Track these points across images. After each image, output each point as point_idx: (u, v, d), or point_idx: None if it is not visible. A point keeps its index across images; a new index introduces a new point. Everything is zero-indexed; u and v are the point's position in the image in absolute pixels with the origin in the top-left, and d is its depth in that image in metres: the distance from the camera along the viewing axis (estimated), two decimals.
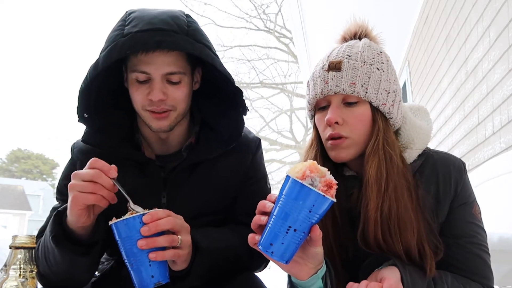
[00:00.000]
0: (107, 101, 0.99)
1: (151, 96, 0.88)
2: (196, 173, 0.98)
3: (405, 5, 3.91)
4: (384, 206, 0.85)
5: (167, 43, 0.84)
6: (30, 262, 0.85)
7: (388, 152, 0.89)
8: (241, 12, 16.94)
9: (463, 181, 0.92)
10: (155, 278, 0.75)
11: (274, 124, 16.55)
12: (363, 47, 0.94)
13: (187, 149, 1.01)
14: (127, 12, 0.93)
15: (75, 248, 0.82)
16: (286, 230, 0.68)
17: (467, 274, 0.88)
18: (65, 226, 0.83)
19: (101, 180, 0.77)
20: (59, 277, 0.87)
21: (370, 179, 0.88)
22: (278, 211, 0.69)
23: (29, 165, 35.21)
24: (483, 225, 0.92)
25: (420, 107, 1.04)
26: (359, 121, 0.90)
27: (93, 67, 0.87)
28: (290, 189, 0.69)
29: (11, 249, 0.84)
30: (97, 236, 0.85)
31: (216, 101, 1.04)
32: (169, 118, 0.93)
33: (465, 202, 0.91)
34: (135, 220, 0.74)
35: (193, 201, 0.97)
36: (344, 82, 0.89)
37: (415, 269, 0.83)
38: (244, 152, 1.03)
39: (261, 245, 0.71)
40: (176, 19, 0.89)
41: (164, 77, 0.89)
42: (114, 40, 0.86)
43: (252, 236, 0.74)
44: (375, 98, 0.90)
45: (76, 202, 0.76)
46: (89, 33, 71.29)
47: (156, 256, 0.74)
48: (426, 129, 0.97)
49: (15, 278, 0.82)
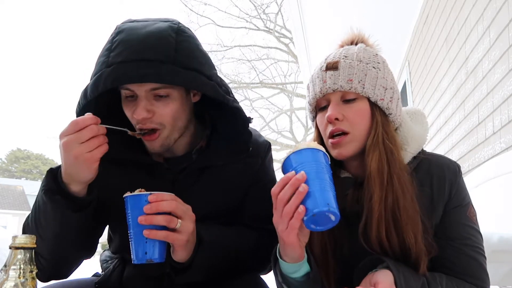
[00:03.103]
0: (109, 109, 0.99)
1: (135, 115, 0.87)
2: (205, 175, 0.98)
3: (405, 5, 3.91)
4: (388, 199, 0.87)
5: (151, 77, 0.82)
6: (30, 262, 0.85)
7: (389, 146, 0.90)
8: (241, 12, 16.99)
9: (458, 183, 0.93)
10: (148, 255, 0.79)
11: (274, 124, 16.59)
12: (359, 49, 0.97)
13: (197, 152, 1.00)
14: (116, 29, 0.89)
15: (68, 203, 0.84)
16: (330, 185, 0.77)
17: (461, 276, 0.88)
18: (60, 182, 0.85)
19: (100, 131, 0.81)
20: (48, 245, 0.87)
21: (372, 172, 0.89)
22: (318, 173, 0.77)
23: (29, 165, 35.26)
24: (478, 228, 0.93)
25: (417, 111, 1.05)
26: (358, 116, 0.92)
27: (83, 96, 0.87)
28: (315, 155, 0.79)
29: (11, 249, 0.84)
30: (93, 195, 0.87)
31: (220, 106, 1.03)
32: (160, 138, 0.90)
33: (460, 205, 0.92)
34: (142, 198, 0.79)
35: (201, 203, 0.97)
36: (342, 79, 0.92)
37: (409, 270, 0.83)
38: (253, 156, 1.03)
39: (327, 207, 0.74)
40: (164, 42, 0.84)
41: (150, 93, 0.87)
42: (100, 69, 0.84)
43: (298, 212, 0.75)
44: (373, 93, 0.92)
45: (92, 160, 0.80)
46: (89, 33, 71.32)
47: (149, 233, 0.77)
48: (421, 134, 0.99)
49: (15, 279, 0.82)
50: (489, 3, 2.27)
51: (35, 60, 72.87)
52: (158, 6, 47.34)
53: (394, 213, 0.87)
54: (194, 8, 14.74)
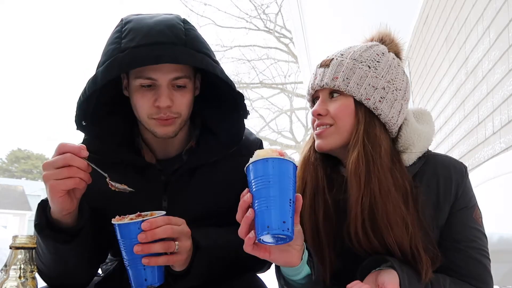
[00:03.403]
0: (104, 108, 0.99)
1: (158, 103, 0.88)
2: (197, 176, 0.98)
3: (405, 5, 3.91)
4: (365, 200, 0.86)
5: (166, 58, 0.84)
6: (30, 262, 0.85)
7: (368, 146, 0.89)
8: (241, 12, 16.95)
9: (464, 184, 0.92)
10: (148, 281, 0.78)
11: (274, 124, 16.54)
12: (362, 47, 0.96)
13: (188, 152, 1.01)
14: (123, 21, 0.91)
15: (56, 236, 0.82)
16: (289, 204, 0.70)
17: (466, 279, 0.87)
18: (49, 215, 0.83)
19: (75, 163, 0.76)
20: (53, 271, 0.87)
21: (350, 171, 0.89)
22: (273, 190, 0.69)
23: (29, 165, 35.23)
24: (483, 230, 0.92)
25: (424, 112, 1.05)
26: (340, 112, 0.93)
27: (91, 82, 0.86)
28: (276, 166, 0.71)
29: (11, 249, 0.84)
30: (81, 223, 0.85)
31: (216, 104, 1.04)
32: (175, 124, 0.93)
33: (466, 206, 0.91)
34: (135, 225, 0.76)
35: (194, 204, 0.97)
36: (328, 77, 0.94)
37: (412, 271, 0.83)
38: (244, 154, 1.03)
39: (266, 230, 0.68)
40: (173, 28, 0.88)
41: (171, 83, 0.89)
42: (112, 55, 0.85)
43: (248, 238, 0.71)
44: (357, 92, 0.92)
45: (55, 190, 0.76)
46: (90, 33, 71.35)
47: (149, 261, 0.76)
48: (427, 133, 0.98)
49: (15, 279, 0.82)
50: (489, 3, 2.27)
51: (35, 60, 72.92)
52: (158, 6, 47.43)
53: (372, 215, 0.85)
54: (194, 8, 14.76)
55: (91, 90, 0.87)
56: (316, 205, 0.94)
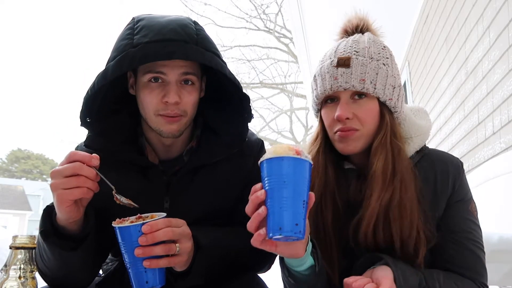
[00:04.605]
0: (110, 106, 0.99)
1: (167, 99, 0.88)
2: (198, 176, 0.98)
3: (405, 5, 3.91)
4: (386, 195, 0.87)
5: (178, 54, 0.85)
6: (30, 262, 0.85)
7: (396, 145, 0.91)
8: (241, 12, 16.92)
9: (461, 178, 0.94)
10: (149, 284, 0.78)
11: (274, 124, 16.58)
12: (369, 42, 0.95)
13: (188, 153, 1.01)
14: (134, 19, 0.93)
15: (62, 243, 0.82)
16: (303, 206, 0.69)
17: (460, 270, 0.89)
18: (54, 221, 0.83)
19: (84, 172, 0.75)
20: (56, 274, 0.87)
21: (376, 171, 0.89)
22: (279, 190, 0.68)
23: (29, 165, 35.26)
24: (479, 223, 0.94)
25: (420, 109, 1.07)
26: (368, 115, 0.92)
27: (101, 77, 0.87)
28: (291, 166, 0.69)
29: (11, 249, 0.84)
30: (87, 230, 0.85)
31: (220, 106, 1.04)
32: (180, 123, 0.93)
33: (462, 199, 0.93)
34: (135, 228, 0.76)
35: (196, 205, 0.97)
36: (354, 79, 0.91)
37: (407, 267, 0.84)
38: (246, 155, 1.03)
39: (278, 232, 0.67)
40: (185, 28, 0.89)
41: (179, 79, 0.90)
42: (124, 50, 0.86)
43: (258, 234, 0.71)
44: (383, 94, 0.92)
45: (63, 200, 0.76)
46: (91, 33, 71.34)
47: (150, 264, 0.76)
48: (425, 127, 1.00)
49: (15, 279, 0.82)
50: (489, 3, 2.27)
51: (35, 59, 72.94)
52: (158, 6, 47.49)
53: (387, 210, 0.88)
54: (194, 8, 14.73)
55: (100, 84, 0.87)
56: (323, 206, 0.94)
